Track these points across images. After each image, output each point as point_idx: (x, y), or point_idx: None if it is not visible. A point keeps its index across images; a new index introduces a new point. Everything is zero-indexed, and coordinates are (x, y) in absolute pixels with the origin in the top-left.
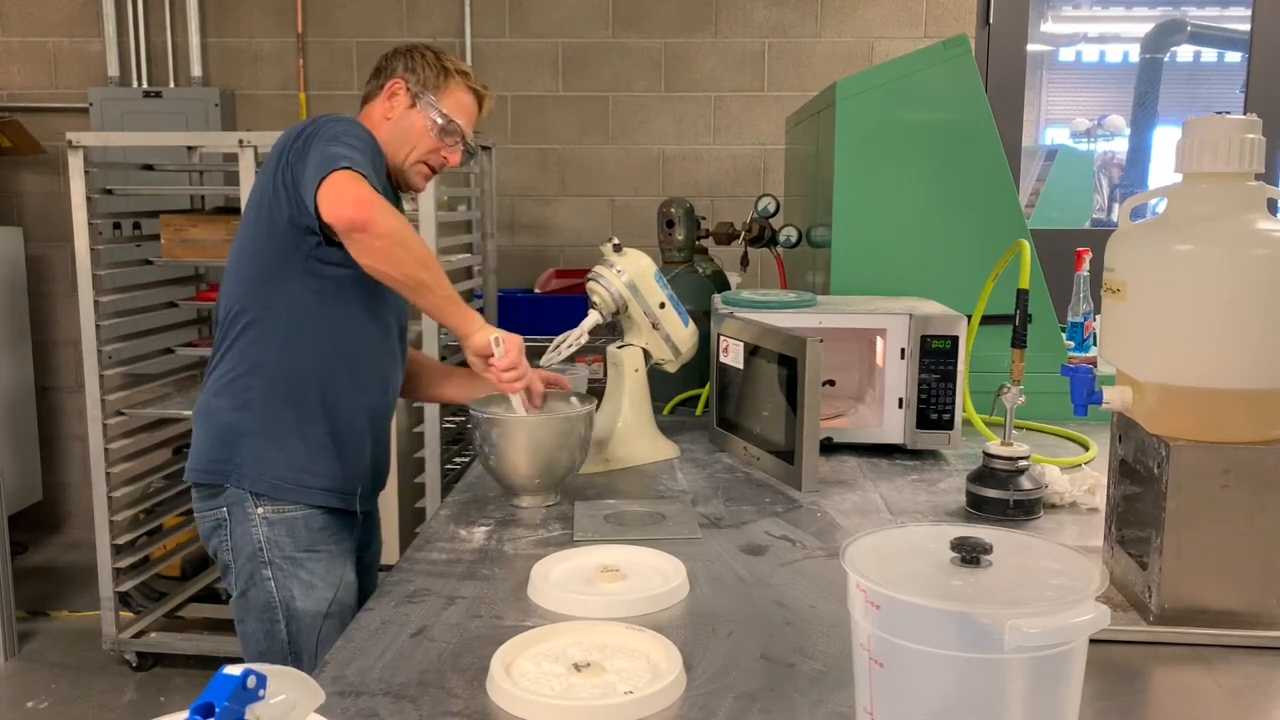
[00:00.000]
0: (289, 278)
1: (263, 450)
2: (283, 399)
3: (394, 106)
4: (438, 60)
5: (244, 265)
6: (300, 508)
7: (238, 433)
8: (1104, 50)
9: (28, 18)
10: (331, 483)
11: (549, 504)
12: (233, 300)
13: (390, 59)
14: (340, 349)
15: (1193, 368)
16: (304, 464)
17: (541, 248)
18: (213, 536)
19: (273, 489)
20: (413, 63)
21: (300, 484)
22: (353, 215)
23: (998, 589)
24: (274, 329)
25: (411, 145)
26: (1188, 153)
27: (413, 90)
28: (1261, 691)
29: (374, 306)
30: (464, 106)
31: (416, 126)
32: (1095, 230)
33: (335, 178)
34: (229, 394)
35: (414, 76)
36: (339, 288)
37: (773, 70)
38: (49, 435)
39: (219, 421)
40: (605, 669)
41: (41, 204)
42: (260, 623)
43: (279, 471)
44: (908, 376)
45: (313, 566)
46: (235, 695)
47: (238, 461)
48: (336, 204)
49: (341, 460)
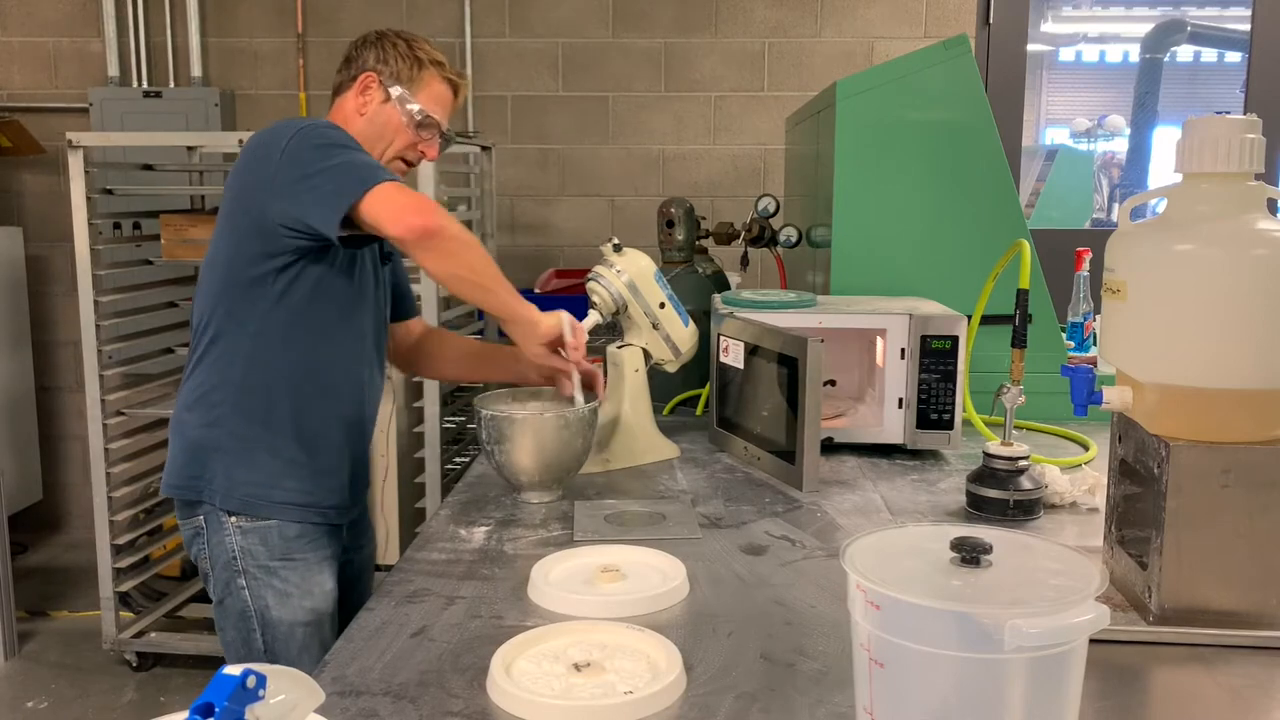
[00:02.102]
0: (257, 290)
1: (232, 466)
2: (251, 414)
3: (367, 101)
4: (410, 50)
5: (214, 276)
6: (273, 519)
7: (208, 448)
8: (1104, 50)
9: (28, 18)
10: (303, 497)
11: (554, 499)
12: (203, 312)
13: (360, 48)
14: (310, 361)
15: (1193, 368)
16: (275, 479)
17: (541, 248)
18: (193, 544)
19: (243, 505)
20: (384, 53)
21: (271, 499)
22: (424, 223)
23: (998, 589)
24: (242, 343)
25: (388, 141)
26: (1188, 153)
27: (386, 84)
28: (1261, 691)
29: (347, 316)
30: (439, 98)
31: (392, 121)
32: (1095, 230)
33: (380, 193)
34: (199, 409)
35: (387, 69)
36: (309, 300)
37: (773, 70)
38: (49, 435)
39: (189, 436)
40: (605, 669)
41: (41, 204)
42: (237, 631)
43: (249, 488)
44: (908, 376)
45: (287, 575)
46: (235, 695)
47: (209, 477)
48: (401, 215)
49: (314, 474)
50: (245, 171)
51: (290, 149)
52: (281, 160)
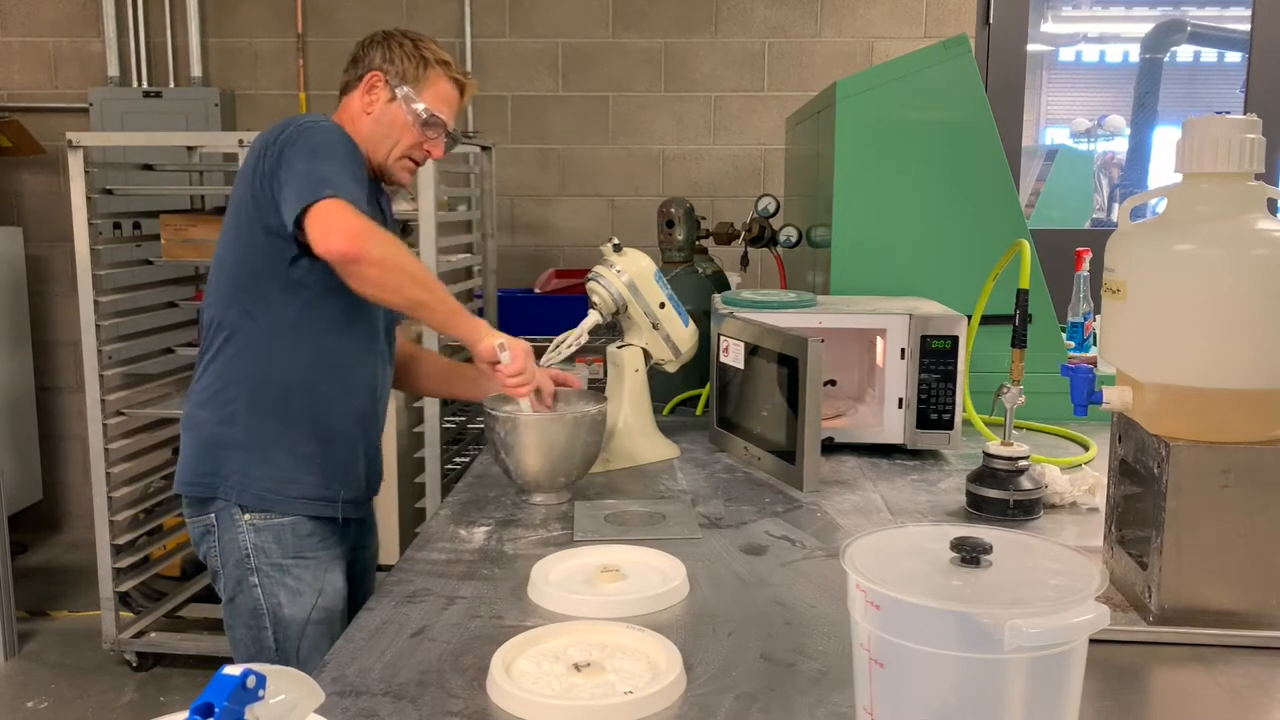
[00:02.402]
0: (269, 287)
1: (247, 463)
2: (266, 411)
3: (373, 100)
4: (416, 50)
5: (225, 274)
6: (287, 516)
7: (222, 445)
8: (1104, 50)
9: (28, 18)
10: (319, 491)
11: (561, 501)
12: (215, 310)
13: (367, 48)
14: (324, 356)
15: (1193, 368)
16: (290, 474)
17: (541, 248)
18: (202, 542)
19: (258, 501)
20: (390, 53)
21: (286, 494)
22: (345, 248)
23: (998, 589)
24: (255, 340)
25: (394, 140)
26: (1188, 153)
27: (392, 83)
28: (1262, 691)
29: (358, 311)
30: (445, 97)
31: (398, 121)
32: (1095, 230)
33: (322, 208)
34: (213, 406)
35: (393, 68)
36: (320, 295)
37: (773, 70)
38: (49, 435)
39: (203, 434)
40: (605, 669)
41: (41, 204)
42: (248, 629)
43: (264, 484)
44: (908, 376)
45: (299, 573)
46: (235, 695)
47: (224, 474)
48: (326, 237)
49: (329, 468)
50: (248, 168)
51: (283, 142)
52: (272, 152)
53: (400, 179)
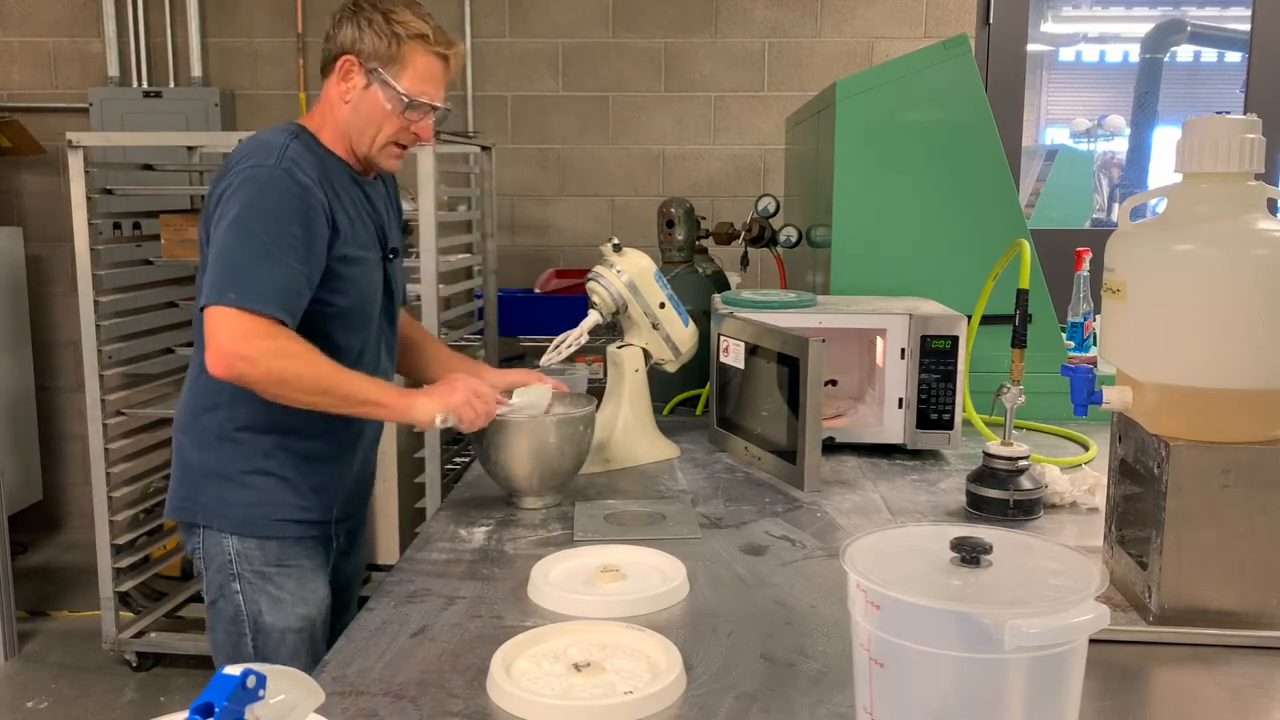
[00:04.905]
0: None
1: (225, 490)
2: (244, 437)
3: (350, 88)
4: (387, 24)
5: None
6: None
7: (202, 473)
8: (1104, 50)
9: (28, 18)
10: (300, 513)
11: (550, 505)
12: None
13: (337, 24)
14: None
15: (1192, 368)
16: (270, 498)
17: (541, 248)
18: (189, 541)
19: (238, 526)
20: (360, 31)
21: (267, 517)
22: (224, 372)
23: (998, 589)
24: None
25: (376, 127)
26: (1188, 153)
27: (366, 66)
28: (1262, 691)
29: (344, 334)
30: (427, 73)
31: (378, 107)
32: (1095, 230)
33: (213, 316)
34: (193, 431)
35: (365, 49)
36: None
37: (773, 70)
38: (49, 435)
39: (185, 459)
40: (605, 669)
41: (41, 204)
42: (228, 634)
43: (244, 509)
44: (908, 376)
45: (283, 582)
46: (235, 695)
47: (203, 501)
48: (213, 348)
49: (310, 490)
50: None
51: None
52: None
53: (388, 166)
